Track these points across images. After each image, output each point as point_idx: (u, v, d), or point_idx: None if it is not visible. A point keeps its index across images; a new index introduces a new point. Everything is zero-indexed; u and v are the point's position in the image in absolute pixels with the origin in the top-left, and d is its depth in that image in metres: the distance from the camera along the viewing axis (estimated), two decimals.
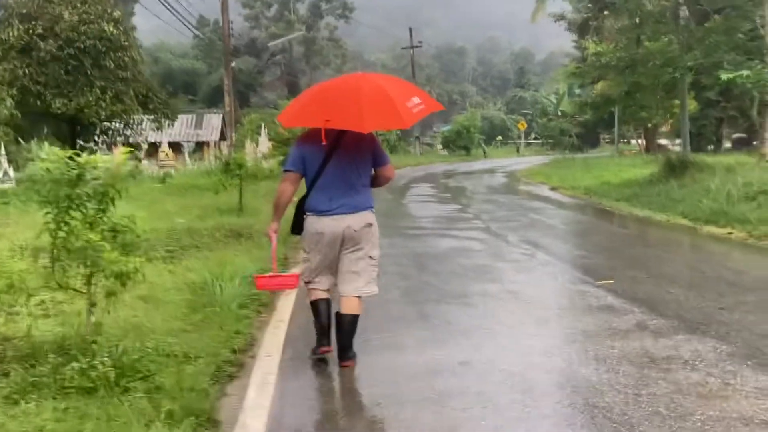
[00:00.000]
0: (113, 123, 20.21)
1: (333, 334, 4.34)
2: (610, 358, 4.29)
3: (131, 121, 20.40)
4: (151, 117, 21.05)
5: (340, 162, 4.19)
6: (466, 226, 11.17)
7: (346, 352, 4.30)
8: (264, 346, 4.86)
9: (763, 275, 7.18)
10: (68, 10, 18.12)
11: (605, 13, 20.28)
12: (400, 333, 5.05)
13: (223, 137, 35.54)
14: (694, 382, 3.83)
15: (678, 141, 36.20)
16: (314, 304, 4.32)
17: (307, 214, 4.29)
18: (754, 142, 38.90)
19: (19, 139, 17.94)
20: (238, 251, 7.92)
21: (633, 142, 49.40)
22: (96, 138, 20.95)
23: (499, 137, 59.97)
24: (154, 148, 32.80)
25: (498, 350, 4.61)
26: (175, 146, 37.41)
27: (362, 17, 69.20)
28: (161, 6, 25.08)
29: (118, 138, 21.63)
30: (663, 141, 38.01)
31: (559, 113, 59.11)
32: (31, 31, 17.77)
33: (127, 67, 19.44)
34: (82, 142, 20.58)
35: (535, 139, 61.30)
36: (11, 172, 16.45)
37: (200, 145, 35.90)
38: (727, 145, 38.07)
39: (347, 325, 4.25)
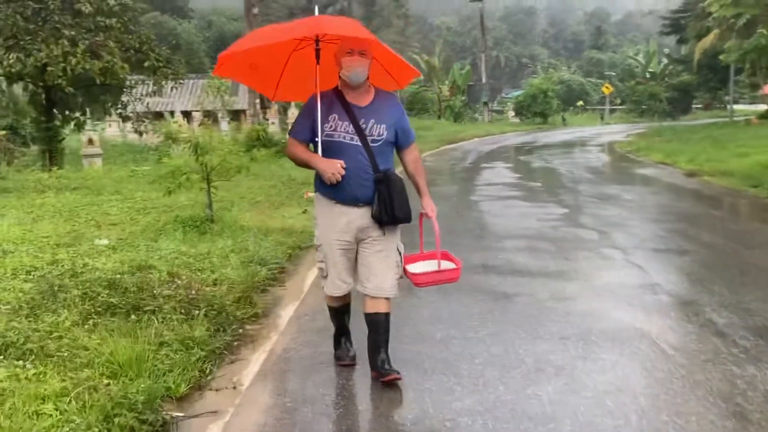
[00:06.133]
0: (98, 85, 15.64)
1: None
2: None
3: (124, 83, 15.71)
4: (151, 78, 16.40)
5: None
6: (598, 266, 5.93)
7: None
8: None
9: None
10: None
11: None
12: None
13: (263, 104, 30.88)
14: None
15: None
16: None
17: None
18: None
19: None
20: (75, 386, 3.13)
21: (736, 107, 42.47)
22: (80, 106, 16.56)
23: (580, 102, 53.47)
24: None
25: None
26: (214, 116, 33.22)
27: None
28: None
29: (117, 106, 17.24)
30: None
31: (648, 75, 52.27)
32: None
33: (113, 13, 14.92)
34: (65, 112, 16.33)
35: (620, 104, 54.62)
36: None
37: (237, 114, 31.42)
38: None
39: None
